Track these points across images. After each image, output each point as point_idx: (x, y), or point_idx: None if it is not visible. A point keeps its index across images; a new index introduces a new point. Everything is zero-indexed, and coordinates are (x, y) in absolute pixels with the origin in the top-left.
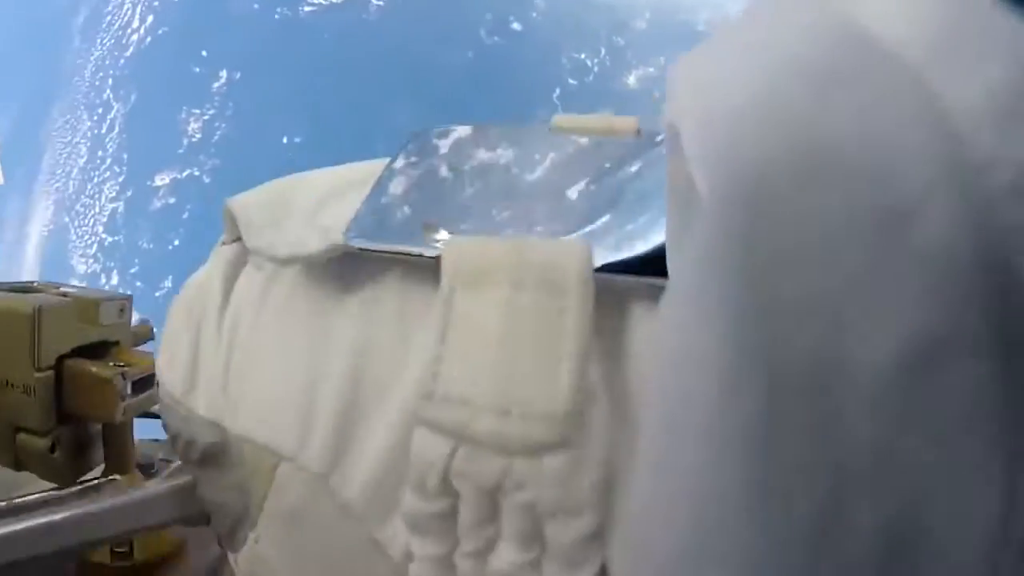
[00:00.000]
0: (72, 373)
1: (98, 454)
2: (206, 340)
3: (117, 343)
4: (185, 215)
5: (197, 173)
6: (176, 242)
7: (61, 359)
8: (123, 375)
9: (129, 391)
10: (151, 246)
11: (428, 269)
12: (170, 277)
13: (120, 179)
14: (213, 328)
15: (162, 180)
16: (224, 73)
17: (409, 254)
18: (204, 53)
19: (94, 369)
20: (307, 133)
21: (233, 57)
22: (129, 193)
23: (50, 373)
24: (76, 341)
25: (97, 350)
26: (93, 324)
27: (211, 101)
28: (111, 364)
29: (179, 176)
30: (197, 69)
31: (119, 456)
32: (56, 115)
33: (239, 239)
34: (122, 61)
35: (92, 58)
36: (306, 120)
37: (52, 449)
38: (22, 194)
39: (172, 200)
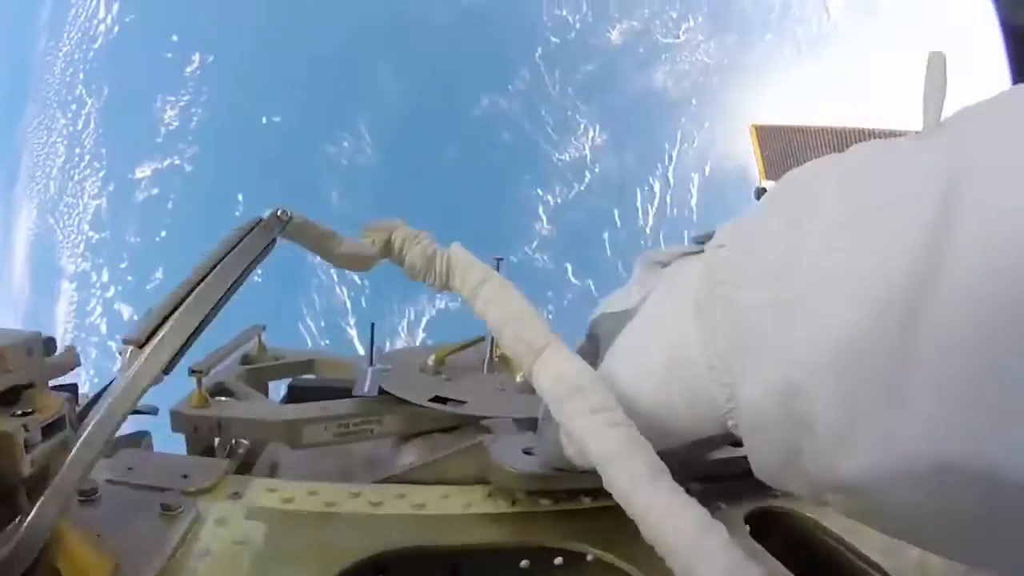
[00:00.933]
0: None
1: (23, 499)
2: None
3: (30, 385)
4: (169, 205)
5: (178, 162)
6: (163, 233)
7: None
8: (25, 427)
9: (39, 438)
10: (138, 239)
11: None
12: (160, 268)
13: (101, 175)
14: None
15: (143, 172)
16: (196, 57)
17: None
18: (174, 38)
19: None
20: (286, 111)
21: (204, 39)
22: (111, 188)
23: None
24: None
25: (7, 395)
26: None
27: (185, 87)
28: (15, 414)
29: (160, 166)
30: (168, 55)
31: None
32: (30, 116)
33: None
34: (91, 54)
35: (61, 54)
36: (284, 97)
37: None
38: (4, 199)
39: (155, 191)
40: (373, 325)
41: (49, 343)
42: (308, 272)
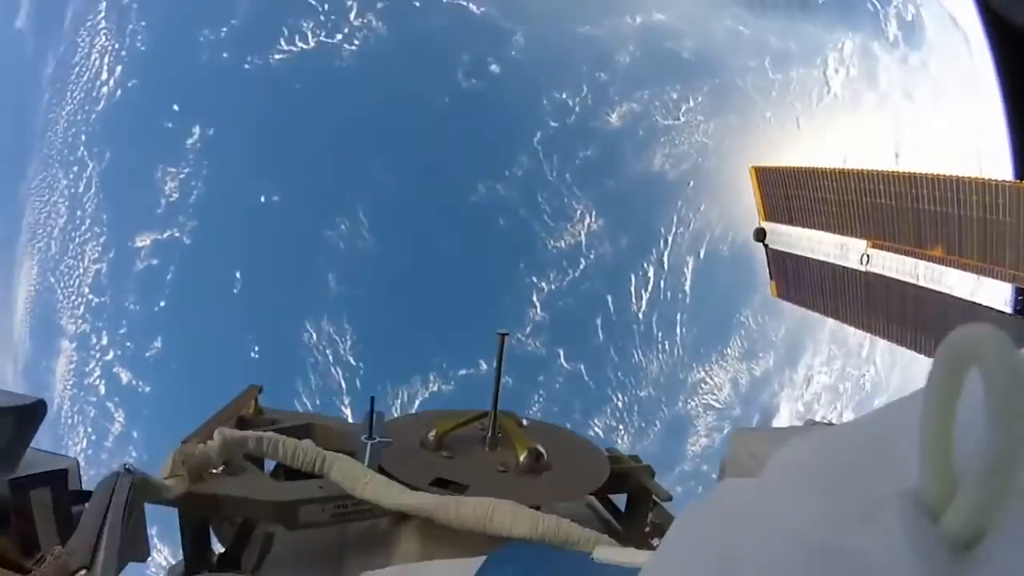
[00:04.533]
0: None
1: None
2: None
3: None
4: (169, 276)
5: (177, 234)
6: (162, 303)
7: None
8: None
9: None
10: (137, 307)
11: None
12: (159, 338)
13: (101, 240)
14: None
15: (143, 241)
16: (197, 129)
17: None
18: (176, 107)
19: None
20: (284, 191)
21: (205, 111)
22: (111, 254)
23: None
24: None
25: None
26: None
27: (186, 159)
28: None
29: (160, 237)
30: (169, 124)
31: None
32: (32, 174)
33: None
34: (93, 116)
35: (64, 113)
36: (282, 176)
37: None
38: (6, 253)
39: (155, 262)
40: (373, 399)
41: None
42: (304, 352)
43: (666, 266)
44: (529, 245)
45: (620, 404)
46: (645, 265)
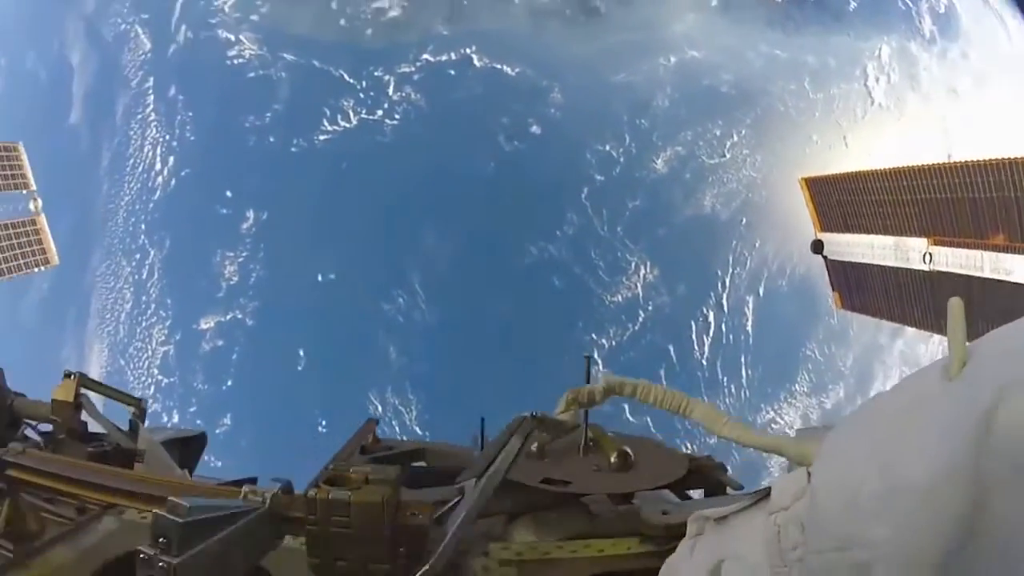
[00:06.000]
0: None
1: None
2: None
3: None
4: (234, 356)
5: (240, 316)
6: (229, 382)
7: None
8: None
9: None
10: (206, 387)
11: None
12: (228, 415)
13: (167, 323)
14: None
15: (207, 324)
16: (251, 213)
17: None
18: (228, 194)
19: None
20: (339, 268)
21: (257, 195)
22: (178, 337)
23: None
24: None
25: None
26: None
27: (242, 243)
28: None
29: (223, 319)
30: (224, 211)
31: None
32: (96, 261)
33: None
34: (151, 205)
35: (122, 203)
36: (336, 254)
37: None
38: (76, 337)
39: (220, 343)
40: (483, 420)
41: None
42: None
43: (726, 308)
44: (586, 303)
45: (691, 452)
46: (704, 310)
